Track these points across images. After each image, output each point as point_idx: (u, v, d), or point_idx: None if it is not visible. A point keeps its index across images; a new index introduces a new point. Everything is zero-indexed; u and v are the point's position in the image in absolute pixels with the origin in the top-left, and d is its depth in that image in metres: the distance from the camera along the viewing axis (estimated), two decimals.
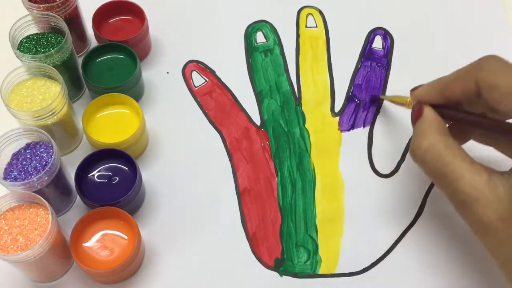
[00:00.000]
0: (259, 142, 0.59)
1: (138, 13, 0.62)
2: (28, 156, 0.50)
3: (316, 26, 0.67)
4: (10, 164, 0.50)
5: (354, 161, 0.58)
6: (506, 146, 0.49)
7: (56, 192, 0.51)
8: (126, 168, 0.53)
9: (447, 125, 0.49)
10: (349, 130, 0.59)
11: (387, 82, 0.63)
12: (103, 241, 0.50)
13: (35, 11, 0.56)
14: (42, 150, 0.50)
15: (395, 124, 0.60)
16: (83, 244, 0.49)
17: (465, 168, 0.43)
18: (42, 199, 0.46)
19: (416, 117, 0.48)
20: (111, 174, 0.53)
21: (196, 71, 0.63)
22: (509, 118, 0.44)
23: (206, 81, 0.63)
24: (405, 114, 0.60)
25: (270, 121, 0.60)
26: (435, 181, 0.46)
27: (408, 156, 0.58)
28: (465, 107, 0.48)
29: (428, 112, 0.47)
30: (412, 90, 0.50)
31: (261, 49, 0.65)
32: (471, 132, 0.51)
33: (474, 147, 0.51)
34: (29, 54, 0.55)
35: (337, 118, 0.60)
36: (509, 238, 0.41)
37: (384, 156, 0.58)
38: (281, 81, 0.62)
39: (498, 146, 0.50)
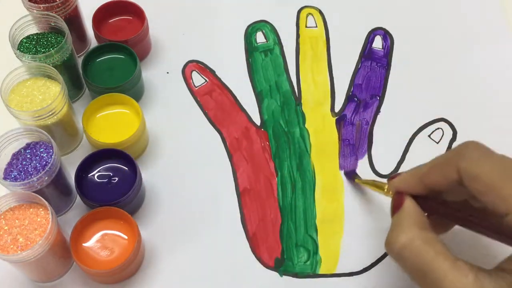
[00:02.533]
0: (259, 142, 0.59)
1: (138, 13, 0.62)
2: (28, 156, 0.50)
3: (316, 26, 0.67)
4: (10, 164, 0.50)
5: (354, 161, 0.58)
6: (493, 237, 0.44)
7: (56, 192, 0.51)
8: (126, 168, 0.53)
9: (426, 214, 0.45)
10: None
11: (387, 82, 0.63)
12: (103, 241, 0.49)
13: (35, 11, 0.56)
14: (42, 150, 0.50)
15: (395, 124, 0.60)
16: (83, 244, 0.49)
17: (448, 266, 0.38)
18: (42, 199, 0.46)
19: (395, 208, 0.44)
20: (111, 174, 0.53)
21: (196, 71, 0.63)
22: (495, 212, 0.39)
23: (206, 81, 0.63)
24: (405, 114, 0.61)
25: (270, 121, 0.60)
26: (414, 279, 0.41)
27: (408, 156, 0.58)
28: (447, 195, 0.44)
29: (408, 203, 0.43)
30: (390, 179, 0.47)
31: (261, 49, 0.65)
32: (454, 224, 0.48)
33: None
34: (29, 54, 0.55)
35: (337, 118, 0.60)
36: None
37: (384, 156, 0.58)
38: (281, 81, 0.62)
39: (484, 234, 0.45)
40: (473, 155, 0.40)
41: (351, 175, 0.56)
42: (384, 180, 0.50)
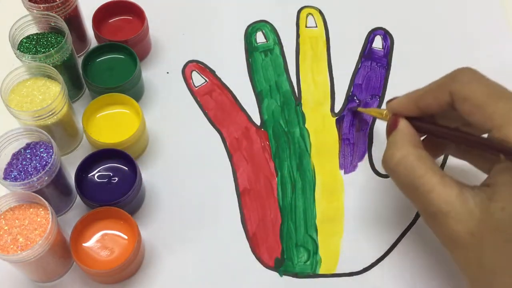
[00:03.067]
0: (259, 142, 0.59)
1: (138, 13, 0.62)
2: (28, 156, 0.50)
3: (316, 26, 0.67)
4: (10, 164, 0.50)
5: (355, 161, 0.58)
6: (479, 160, 0.48)
7: (56, 192, 0.51)
8: (126, 168, 0.53)
9: (422, 138, 0.49)
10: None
11: (387, 82, 0.63)
12: (103, 241, 0.49)
13: (35, 11, 0.56)
14: (42, 150, 0.50)
15: None
16: (83, 244, 0.49)
17: (436, 181, 0.42)
18: (42, 199, 0.46)
19: (390, 129, 0.48)
20: (111, 174, 0.53)
21: (196, 71, 0.63)
22: (482, 131, 0.43)
23: (206, 81, 0.63)
24: None
25: (270, 121, 0.60)
26: (406, 193, 0.45)
27: None
28: (440, 121, 0.48)
29: (403, 124, 0.47)
30: (388, 102, 0.50)
31: (261, 49, 0.65)
32: (445, 146, 0.51)
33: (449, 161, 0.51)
34: (29, 54, 0.55)
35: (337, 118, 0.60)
36: (476, 255, 0.41)
37: None
38: (281, 81, 0.62)
39: (472, 160, 0.49)
40: (464, 79, 0.43)
41: (352, 109, 0.60)
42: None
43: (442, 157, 0.56)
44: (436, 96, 0.45)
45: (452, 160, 0.52)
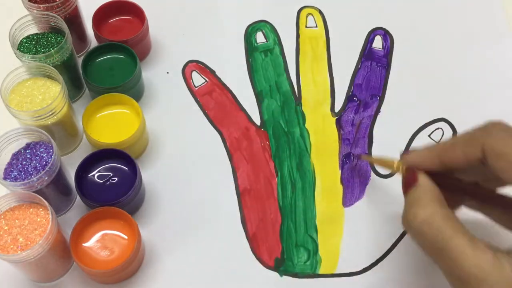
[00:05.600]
0: (259, 142, 0.59)
1: (138, 13, 0.62)
2: (28, 156, 0.50)
3: (316, 26, 0.67)
4: (10, 164, 0.50)
5: (354, 161, 0.58)
6: (505, 218, 0.45)
7: (56, 192, 0.51)
8: (126, 168, 0.53)
9: None
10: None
11: (387, 82, 0.63)
12: (103, 241, 0.49)
13: (35, 11, 0.56)
14: (42, 150, 0.50)
15: (395, 124, 0.60)
16: (83, 244, 0.49)
17: (467, 244, 0.39)
18: (42, 199, 0.46)
19: (409, 185, 0.44)
20: (111, 174, 0.53)
21: (196, 71, 0.63)
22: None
23: (206, 81, 0.63)
24: (405, 114, 0.61)
25: (270, 121, 0.60)
26: (431, 255, 0.41)
27: None
28: (457, 174, 0.44)
29: (424, 179, 0.43)
30: (404, 154, 0.46)
31: (261, 49, 0.65)
32: (464, 200, 0.48)
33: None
34: (29, 54, 0.55)
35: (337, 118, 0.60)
36: None
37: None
38: (281, 81, 0.62)
39: (496, 217, 0.46)
40: (499, 134, 0.40)
41: (357, 156, 0.57)
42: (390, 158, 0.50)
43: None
44: (465, 150, 0.41)
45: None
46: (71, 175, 0.53)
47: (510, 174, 0.39)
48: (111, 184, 0.52)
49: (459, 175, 0.44)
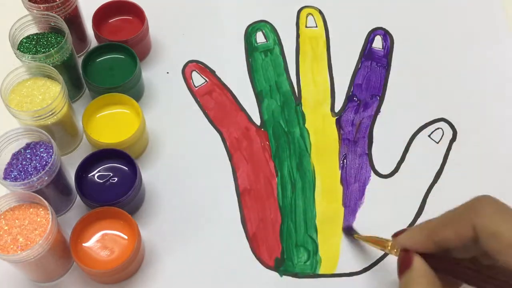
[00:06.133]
0: (259, 142, 0.59)
1: (138, 13, 0.62)
2: (28, 156, 0.50)
3: (316, 26, 0.67)
4: (10, 164, 0.50)
5: (354, 161, 0.58)
6: None
7: (56, 192, 0.51)
8: (126, 168, 0.53)
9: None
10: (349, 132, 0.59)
11: (387, 82, 0.63)
12: (103, 241, 0.49)
13: (35, 11, 0.56)
14: (42, 150, 0.50)
15: (395, 124, 0.60)
16: (83, 244, 0.49)
17: None
18: (42, 199, 0.46)
19: (403, 267, 0.42)
20: (111, 174, 0.53)
21: (196, 71, 0.63)
22: (508, 268, 0.37)
23: (206, 81, 0.63)
24: (405, 114, 0.61)
25: (270, 121, 0.60)
26: None
27: (408, 156, 0.58)
28: (454, 251, 0.42)
29: (419, 263, 0.41)
30: (395, 235, 0.45)
31: (261, 49, 0.65)
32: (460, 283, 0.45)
33: None
34: (29, 54, 0.55)
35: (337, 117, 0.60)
36: None
37: (384, 156, 0.58)
38: (281, 81, 0.62)
39: None
40: (489, 211, 0.38)
41: (349, 232, 0.54)
42: (386, 233, 0.48)
43: None
44: (455, 230, 0.39)
45: None
46: (71, 175, 0.53)
47: (503, 255, 0.37)
48: (111, 184, 0.52)
49: (456, 252, 0.42)
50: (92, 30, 0.61)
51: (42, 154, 0.50)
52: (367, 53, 0.65)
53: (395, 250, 0.45)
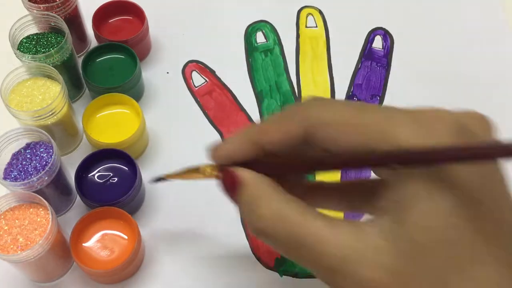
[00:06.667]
0: None
1: (138, 13, 0.62)
2: (28, 156, 0.50)
3: (316, 26, 0.67)
4: (10, 164, 0.50)
5: None
6: (359, 195, 0.38)
7: (56, 192, 0.51)
8: (126, 168, 0.53)
9: None
10: None
11: (387, 82, 0.63)
12: (103, 241, 0.49)
13: (35, 11, 0.56)
14: (42, 150, 0.50)
15: None
16: (83, 244, 0.49)
17: (323, 226, 0.31)
18: (42, 199, 0.46)
19: (233, 188, 0.36)
20: (111, 174, 0.53)
21: (196, 71, 0.63)
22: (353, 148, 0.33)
23: (206, 81, 0.63)
24: None
25: None
26: (290, 255, 0.33)
27: None
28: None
29: (247, 174, 0.35)
30: (210, 152, 0.40)
31: (261, 49, 0.65)
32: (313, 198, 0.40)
33: None
34: (29, 54, 0.55)
35: None
36: None
37: None
38: (281, 81, 0.62)
39: (351, 202, 0.39)
40: (320, 105, 0.35)
41: (159, 179, 0.46)
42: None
43: None
44: (286, 128, 0.35)
45: None
46: (71, 175, 0.53)
47: (342, 140, 0.32)
48: (111, 184, 0.52)
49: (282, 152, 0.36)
50: (92, 30, 0.61)
51: (42, 154, 0.50)
52: (367, 53, 0.65)
53: (213, 172, 0.38)
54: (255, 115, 0.60)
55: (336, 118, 0.33)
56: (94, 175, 0.53)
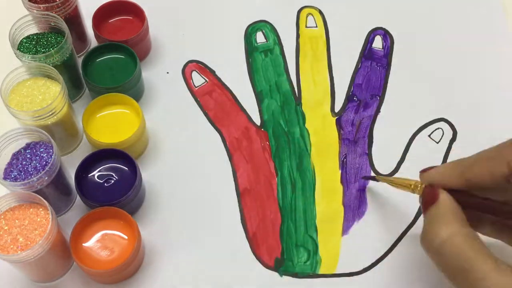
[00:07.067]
0: (259, 142, 0.59)
1: (138, 13, 0.62)
2: (28, 156, 0.50)
3: (316, 26, 0.67)
4: (10, 164, 0.50)
5: (354, 161, 0.58)
6: None
7: (56, 192, 0.51)
8: (126, 168, 0.53)
9: None
10: (349, 131, 0.59)
11: (387, 82, 0.63)
12: (103, 241, 0.49)
13: (35, 11, 0.56)
14: (42, 150, 0.50)
15: (395, 124, 0.60)
16: (83, 244, 0.49)
17: (490, 266, 0.37)
18: (42, 199, 0.46)
19: (429, 202, 0.42)
20: (111, 174, 0.53)
21: (196, 71, 0.63)
22: None
23: (206, 81, 0.63)
24: (405, 114, 0.61)
25: (270, 121, 0.60)
26: (450, 277, 0.39)
27: (408, 156, 0.58)
28: (485, 193, 0.42)
29: (445, 197, 0.41)
30: (423, 171, 0.44)
31: (261, 49, 0.65)
32: (483, 225, 0.45)
33: None
34: (29, 54, 0.55)
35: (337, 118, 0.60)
36: None
37: (384, 156, 0.58)
38: (281, 81, 0.62)
39: None
40: None
41: (371, 178, 0.55)
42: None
43: None
44: (490, 167, 0.39)
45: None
46: (71, 175, 0.53)
47: None
48: (111, 184, 0.52)
49: (488, 193, 0.41)
50: (92, 30, 0.61)
51: (42, 154, 0.50)
52: (367, 53, 0.65)
53: (419, 188, 0.43)
54: (255, 115, 0.60)
55: None
56: (94, 175, 0.53)
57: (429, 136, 0.59)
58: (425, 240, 0.41)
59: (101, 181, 0.52)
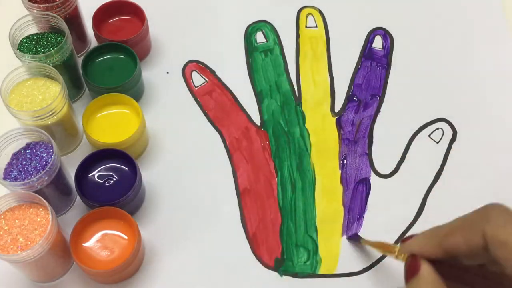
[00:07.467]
0: (259, 142, 0.59)
1: (138, 13, 0.62)
2: (28, 156, 0.50)
3: (316, 26, 0.67)
4: (10, 164, 0.50)
5: (354, 161, 0.58)
6: None
7: (56, 192, 0.51)
8: (126, 168, 0.53)
9: None
10: (349, 130, 0.59)
11: (387, 82, 0.63)
12: (103, 241, 0.49)
13: (35, 11, 0.56)
14: (42, 150, 0.50)
15: (395, 123, 0.60)
16: (83, 244, 0.49)
17: None
18: (42, 199, 0.46)
19: (410, 274, 0.41)
20: (111, 174, 0.53)
21: (196, 71, 0.63)
22: None
23: (206, 81, 0.63)
24: (405, 114, 0.61)
25: (270, 121, 0.60)
26: None
27: (408, 156, 0.58)
28: (462, 258, 0.41)
29: (426, 269, 0.40)
30: (403, 241, 0.44)
31: (261, 49, 0.65)
32: None
33: None
34: (29, 54, 0.55)
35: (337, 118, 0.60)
36: None
37: (384, 156, 0.58)
38: (281, 81, 0.62)
39: None
40: (499, 220, 0.37)
41: (355, 238, 0.53)
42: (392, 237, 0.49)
43: None
44: (466, 237, 0.39)
45: None
46: (71, 175, 0.53)
47: None
48: (111, 184, 0.52)
49: (465, 259, 0.41)
50: (92, 30, 0.61)
51: (42, 154, 0.50)
52: (367, 53, 0.65)
53: (403, 256, 0.44)
54: (255, 115, 0.60)
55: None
56: (94, 175, 0.53)
57: (429, 136, 0.59)
58: None
59: (101, 181, 0.52)
